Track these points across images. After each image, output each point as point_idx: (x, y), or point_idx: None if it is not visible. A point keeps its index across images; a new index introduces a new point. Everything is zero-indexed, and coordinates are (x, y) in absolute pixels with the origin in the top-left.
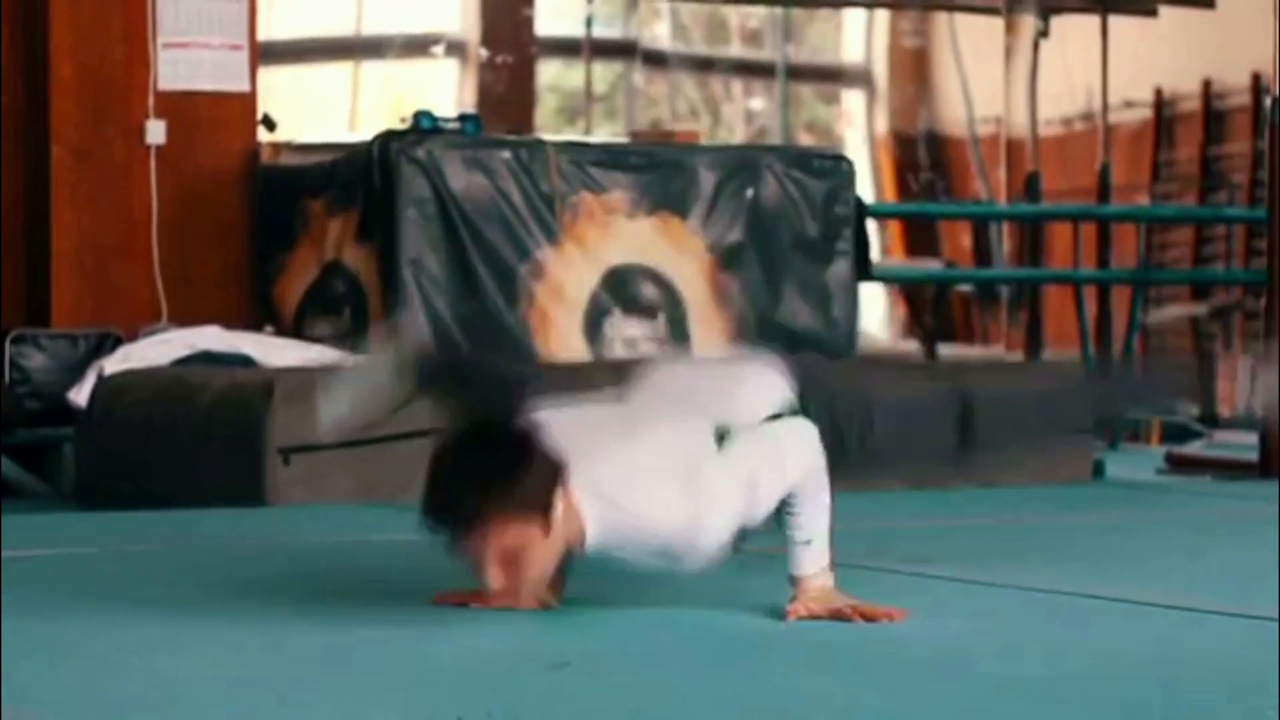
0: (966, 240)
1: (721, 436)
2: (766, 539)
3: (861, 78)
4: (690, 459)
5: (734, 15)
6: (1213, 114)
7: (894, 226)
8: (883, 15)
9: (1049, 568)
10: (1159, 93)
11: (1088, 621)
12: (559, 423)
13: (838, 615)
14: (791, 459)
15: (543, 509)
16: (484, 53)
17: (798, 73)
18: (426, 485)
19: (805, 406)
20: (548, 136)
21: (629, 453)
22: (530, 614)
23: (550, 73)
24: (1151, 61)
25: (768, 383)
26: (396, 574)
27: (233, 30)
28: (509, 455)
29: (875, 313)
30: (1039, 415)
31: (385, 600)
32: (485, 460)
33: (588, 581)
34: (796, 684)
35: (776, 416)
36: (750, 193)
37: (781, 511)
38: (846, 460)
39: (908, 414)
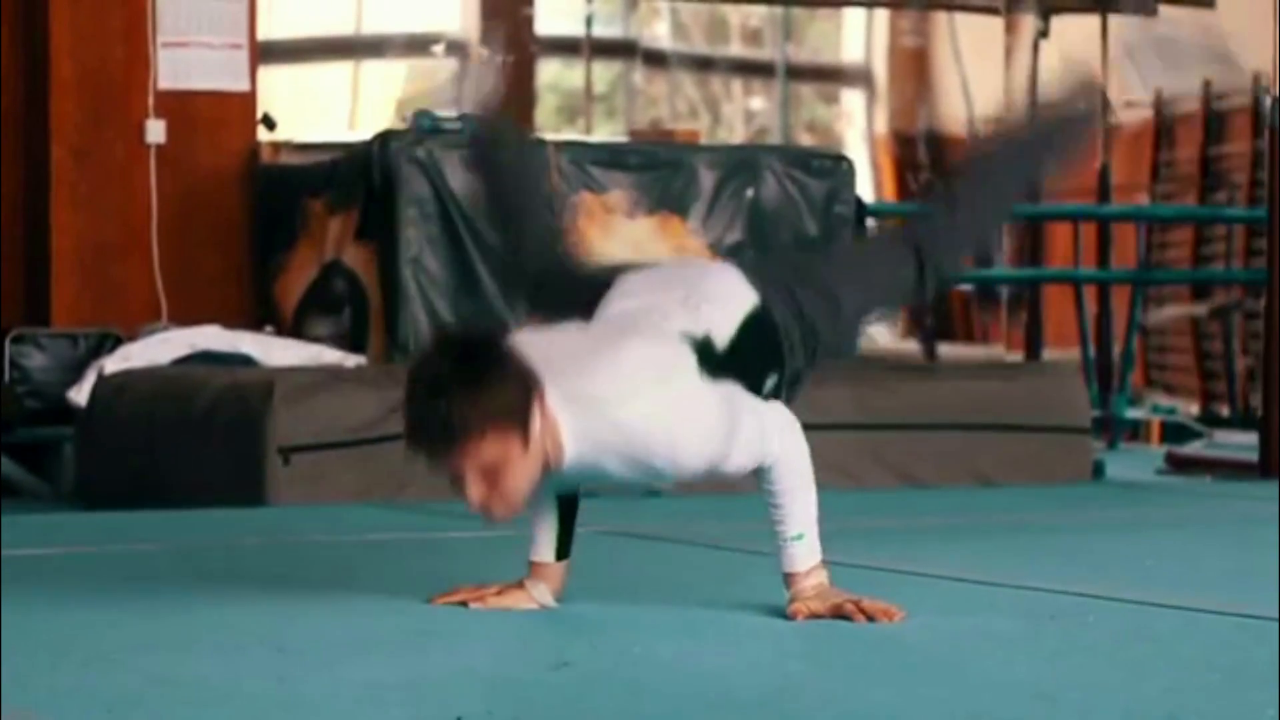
0: None
1: (698, 349)
2: (764, 538)
3: (861, 77)
4: (668, 372)
5: (734, 15)
6: (1213, 114)
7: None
8: (883, 15)
9: (1049, 568)
10: (1159, 92)
11: (1087, 621)
12: (530, 343)
13: (839, 612)
14: (773, 432)
15: (520, 421)
16: (484, 52)
17: (798, 72)
18: (405, 405)
19: (769, 306)
20: (548, 136)
21: (604, 365)
22: (530, 614)
23: (550, 72)
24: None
25: (731, 289)
26: (396, 574)
27: (233, 29)
28: (483, 368)
29: None
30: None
31: (385, 600)
32: (460, 375)
33: (588, 581)
34: (796, 683)
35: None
36: (750, 192)
37: (767, 507)
38: (820, 345)
39: (865, 281)
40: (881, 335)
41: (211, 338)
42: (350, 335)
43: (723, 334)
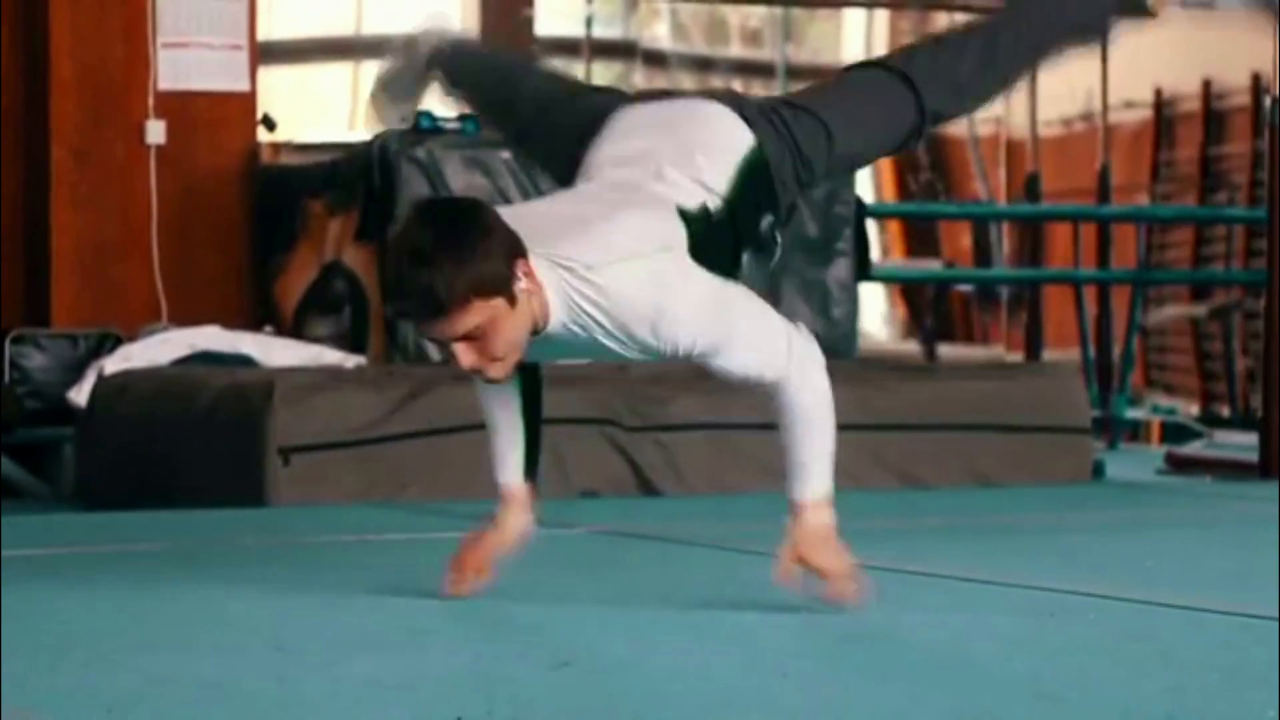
0: (966, 240)
1: (695, 220)
2: (765, 538)
3: None
4: (659, 246)
5: (734, 15)
6: (1213, 114)
7: (894, 226)
8: (883, 15)
9: (1049, 567)
10: (1159, 93)
11: (1087, 621)
12: (517, 212)
13: (818, 573)
14: (788, 349)
15: (504, 287)
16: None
17: (798, 72)
18: (390, 274)
19: (764, 148)
20: None
21: (594, 232)
22: (529, 614)
23: None
24: (1151, 61)
25: (726, 133)
26: (396, 574)
27: (233, 30)
28: (466, 235)
29: (875, 313)
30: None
31: (385, 600)
32: (442, 243)
33: (588, 581)
34: (796, 683)
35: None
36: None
37: (779, 432)
38: (812, 177)
39: (861, 116)
40: (881, 335)
41: (211, 338)
42: (350, 335)
43: (719, 185)
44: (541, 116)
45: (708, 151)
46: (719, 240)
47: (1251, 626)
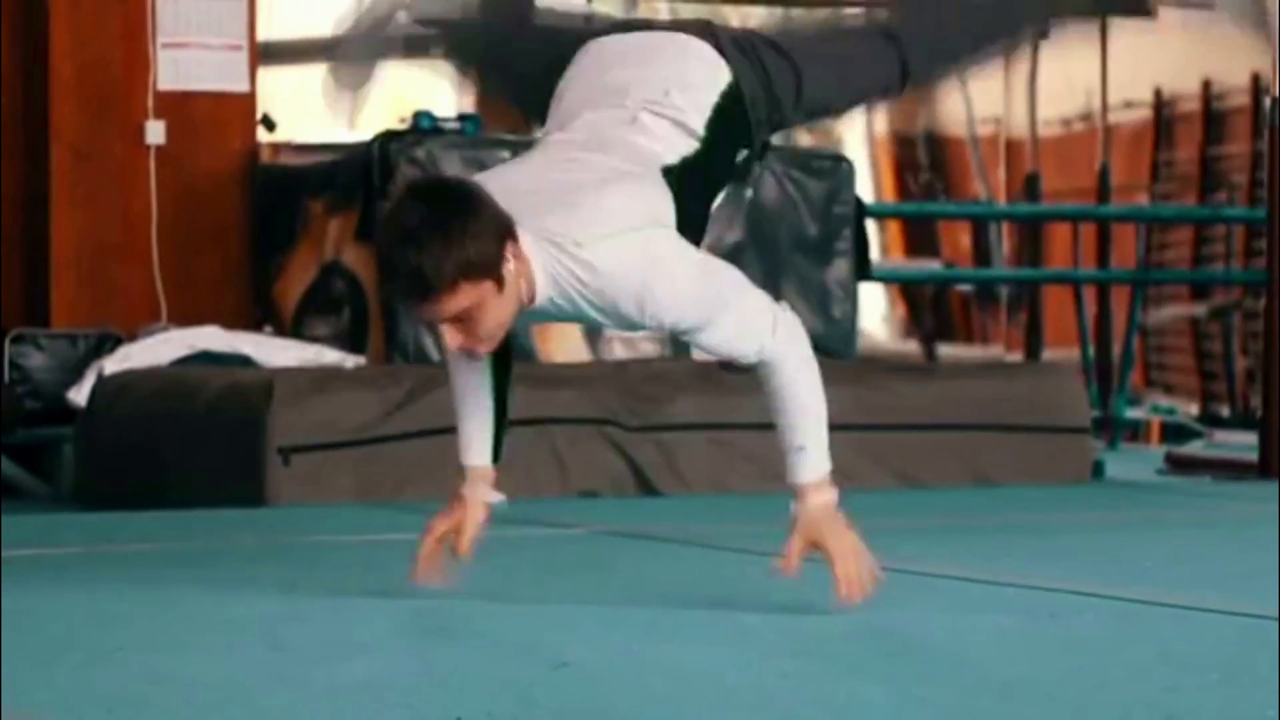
0: (966, 240)
1: (671, 178)
2: (764, 538)
3: None
4: (647, 223)
5: (734, 15)
6: (1212, 114)
7: (893, 226)
8: (881, 15)
9: (1049, 567)
10: (1158, 93)
11: (1087, 621)
12: (503, 180)
13: (826, 554)
14: (770, 325)
15: (493, 267)
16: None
17: None
18: (380, 253)
19: (740, 83)
20: None
21: (581, 208)
22: (529, 615)
23: None
24: (1151, 61)
25: (704, 68)
26: (396, 574)
27: (232, 30)
28: (454, 217)
29: (875, 312)
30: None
31: (385, 600)
32: (431, 225)
33: (588, 581)
34: (795, 682)
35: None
36: (749, 192)
37: (772, 414)
38: (782, 119)
39: (841, 66)
40: (881, 335)
41: (211, 338)
42: (350, 335)
43: (697, 124)
44: (507, 46)
45: (684, 89)
46: (696, 184)
47: (1251, 626)
